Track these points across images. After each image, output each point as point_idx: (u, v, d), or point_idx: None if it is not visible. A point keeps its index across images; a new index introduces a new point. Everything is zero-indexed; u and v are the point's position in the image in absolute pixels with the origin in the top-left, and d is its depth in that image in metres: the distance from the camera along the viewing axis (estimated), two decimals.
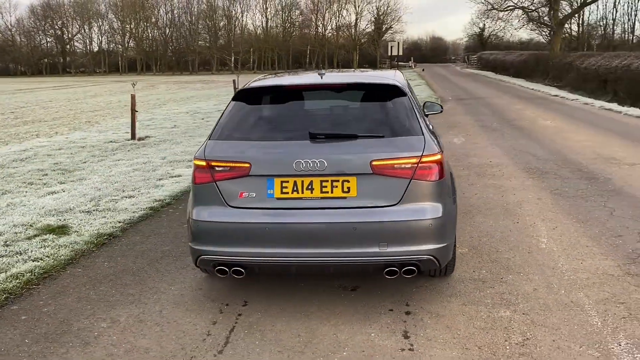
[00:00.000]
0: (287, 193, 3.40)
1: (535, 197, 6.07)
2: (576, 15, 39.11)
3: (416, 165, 3.35)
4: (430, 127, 3.92)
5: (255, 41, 70.55)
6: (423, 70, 47.62)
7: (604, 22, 54.59)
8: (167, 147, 10.72)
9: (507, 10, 36.69)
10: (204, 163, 3.54)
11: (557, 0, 33.03)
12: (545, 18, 34.83)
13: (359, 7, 67.04)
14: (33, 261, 4.57)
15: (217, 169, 3.50)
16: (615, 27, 54.44)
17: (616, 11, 53.25)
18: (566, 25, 38.46)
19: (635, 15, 54.00)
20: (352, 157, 3.37)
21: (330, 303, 3.64)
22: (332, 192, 3.37)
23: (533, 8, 35.29)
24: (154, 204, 6.32)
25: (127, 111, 20.60)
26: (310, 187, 3.38)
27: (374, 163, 3.33)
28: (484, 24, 68.21)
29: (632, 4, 52.67)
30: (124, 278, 4.23)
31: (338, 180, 3.36)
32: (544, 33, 45.62)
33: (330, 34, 68.64)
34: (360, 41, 67.46)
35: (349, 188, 3.36)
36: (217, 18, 72.57)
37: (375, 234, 3.30)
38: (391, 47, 57.02)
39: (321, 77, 3.98)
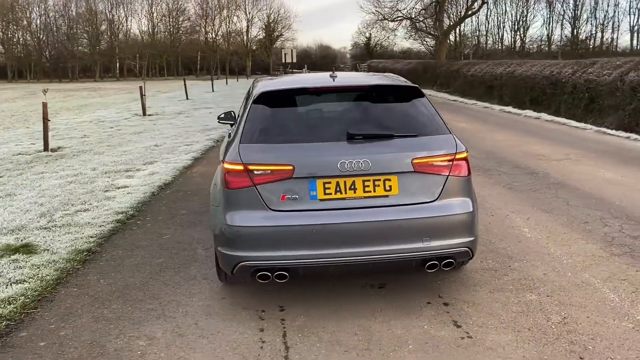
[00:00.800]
0: (331, 194, 3.43)
1: (495, 192, 6.55)
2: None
3: (451, 162, 3.53)
4: None
5: (141, 47, 67.75)
6: None
7: (477, 33, 59.37)
8: (90, 158, 10.04)
9: (397, 21, 38.67)
10: (240, 167, 3.45)
11: (441, 12, 35.37)
12: (431, 29, 37.18)
13: (249, 13, 67.02)
14: (16, 284, 4.14)
15: (256, 172, 3.43)
16: (487, 37, 59.42)
17: (488, 23, 57.98)
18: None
19: (504, 27, 59.32)
20: (394, 156, 3.47)
21: (366, 301, 3.70)
22: (374, 191, 3.44)
23: (421, 19, 37.48)
24: (118, 216, 5.95)
25: (16, 121, 18.97)
26: (353, 187, 3.43)
27: (415, 161, 3.46)
28: (370, 34, 71.28)
29: (500, 17, 57.81)
30: (132, 294, 3.97)
31: (380, 180, 3.44)
32: (425, 42, 48.65)
33: (221, 40, 67.78)
34: (252, 48, 67.35)
35: (390, 186, 3.45)
36: (98, 22, 68.76)
37: (419, 230, 3.42)
38: (285, 54, 57.58)
39: (333, 80, 4.04)
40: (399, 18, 38.04)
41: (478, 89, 25.10)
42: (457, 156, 3.56)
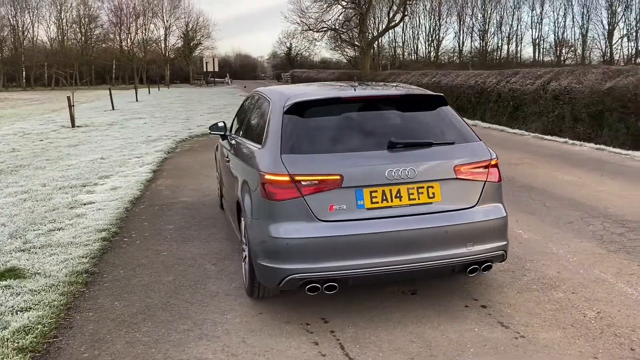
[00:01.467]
0: (377, 202, 3.44)
1: None
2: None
3: (487, 169, 3.66)
4: None
5: (50, 54, 64.03)
6: (245, 87, 48.16)
7: (394, 44, 61.50)
8: (32, 174, 9.36)
9: (322, 31, 39.25)
10: (286, 178, 3.39)
11: (364, 24, 36.33)
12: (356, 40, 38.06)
13: (167, 21, 65.28)
14: (23, 312, 3.80)
15: (304, 183, 3.38)
16: (404, 48, 61.68)
17: (404, 35, 60.22)
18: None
19: (418, 38, 61.84)
20: (438, 164, 3.55)
21: (405, 308, 3.74)
22: (419, 198, 3.50)
23: (345, 30, 38.27)
24: (101, 234, 5.60)
25: None
26: (398, 195, 3.47)
27: (456, 168, 3.56)
28: (291, 44, 71.82)
29: (415, 29, 60.20)
30: (158, 315, 3.77)
31: (424, 187, 3.51)
32: (345, 53, 49.72)
33: (137, 48, 65.47)
34: (170, 56, 65.61)
35: (434, 193, 3.52)
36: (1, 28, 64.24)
37: (463, 235, 3.52)
38: (206, 62, 56.84)
39: (355, 90, 4.08)
40: (324, 29, 38.65)
41: None
42: (492, 162, 3.70)
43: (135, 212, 6.61)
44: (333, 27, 38.15)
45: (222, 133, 5.71)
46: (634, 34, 52.80)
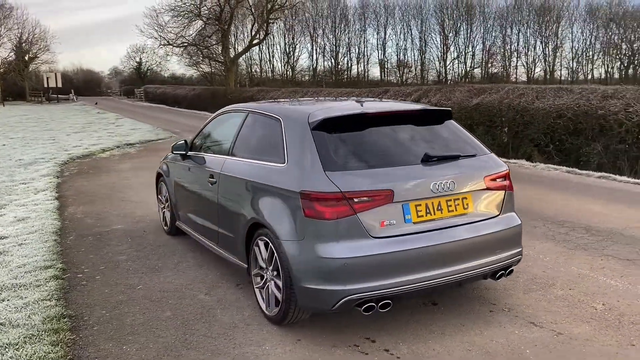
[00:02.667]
0: (423, 216, 3.48)
1: None
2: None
3: (506, 179, 3.89)
4: None
5: None
6: (96, 104, 44.90)
7: (250, 62, 61.89)
8: None
9: (182, 46, 38.12)
10: (338, 196, 3.29)
11: (227, 40, 36.11)
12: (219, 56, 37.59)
13: None
14: None
15: (355, 200, 3.30)
16: (261, 66, 62.28)
17: (261, 52, 60.78)
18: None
19: (274, 56, 62.89)
20: (471, 175, 3.69)
21: (438, 319, 3.79)
22: (456, 209, 3.61)
23: (205, 46, 37.61)
24: (47, 271, 4.87)
25: None
26: (439, 207, 3.55)
27: (486, 179, 3.73)
28: (141, 58, 68.74)
29: (271, 47, 61.15)
30: (186, 354, 3.40)
31: (459, 198, 3.62)
32: (201, 69, 48.91)
33: None
34: (0, 71, 58.82)
35: (467, 204, 3.65)
36: None
37: (494, 243, 3.69)
38: (47, 78, 51.93)
39: (362, 105, 4.10)
40: (185, 44, 37.60)
41: None
42: (507, 173, 3.93)
43: (68, 244, 5.85)
44: (194, 42, 37.29)
45: (184, 152, 5.34)
46: (463, 56, 59.26)
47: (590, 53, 57.89)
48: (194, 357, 3.36)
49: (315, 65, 61.46)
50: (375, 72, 64.11)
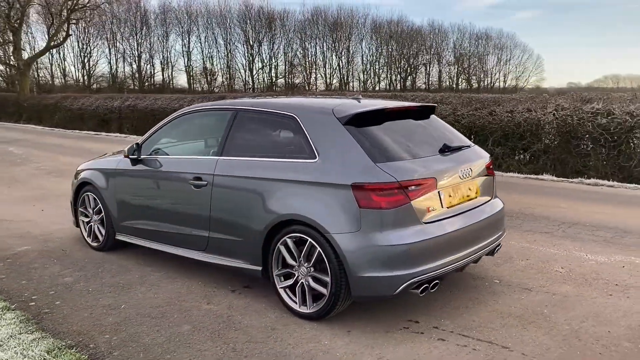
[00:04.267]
0: (452, 200, 3.81)
1: None
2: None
3: (492, 167, 4.41)
4: None
5: None
6: None
7: (37, 65, 55.49)
8: None
9: None
10: (395, 186, 3.45)
11: (19, 40, 32.04)
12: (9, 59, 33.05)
13: None
14: None
15: (409, 188, 3.49)
16: (52, 70, 56.26)
17: (52, 56, 54.76)
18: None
19: (65, 60, 57.39)
20: (478, 163, 4.12)
21: (453, 298, 4.13)
22: (470, 195, 4.01)
23: None
24: None
25: None
26: (462, 192, 3.92)
27: (486, 166, 4.20)
28: None
29: (61, 50, 55.69)
30: None
31: (472, 184, 4.03)
32: None
33: None
34: None
35: (476, 190, 4.08)
36: None
37: (495, 223, 4.18)
38: None
39: (359, 102, 4.28)
40: None
41: (89, 122, 24.46)
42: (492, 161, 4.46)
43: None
44: None
45: (135, 157, 4.87)
46: (268, 67, 61.27)
47: (377, 66, 64.44)
48: None
49: (115, 71, 57.67)
50: (182, 79, 62.67)
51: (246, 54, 60.72)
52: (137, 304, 4.10)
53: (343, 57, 63.41)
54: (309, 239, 3.64)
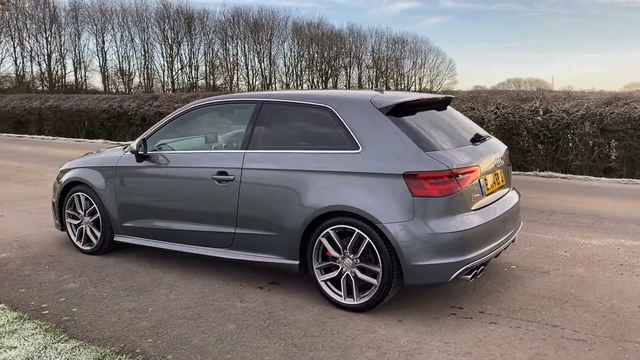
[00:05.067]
0: (489, 188, 3.92)
1: None
2: None
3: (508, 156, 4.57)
4: None
5: None
6: None
7: None
8: None
9: None
10: (448, 174, 3.50)
11: None
12: None
13: None
14: None
15: (459, 176, 3.55)
16: None
17: None
18: None
19: None
20: (504, 152, 4.27)
21: (484, 284, 4.24)
22: (499, 183, 4.13)
23: None
24: (11, 314, 3.66)
25: None
26: (495, 180, 4.04)
27: (507, 155, 4.35)
28: None
29: None
30: (319, 357, 3.13)
31: (499, 173, 4.16)
32: None
33: None
34: None
35: (503, 178, 4.22)
36: None
37: (517, 211, 4.33)
38: None
39: (382, 93, 4.30)
40: None
41: (4, 124, 22.99)
42: None
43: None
44: None
45: (142, 153, 4.60)
46: (189, 67, 59.77)
47: (299, 69, 64.72)
48: (328, 356, 3.11)
49: (22, 71, 53.86)
50: (96, 80, 59.68)
51: (164, 54, 58.88)
52: (164, 306, 3.86)
53: (265, 59, 63.13)
54: (357, 230, 3.60)
